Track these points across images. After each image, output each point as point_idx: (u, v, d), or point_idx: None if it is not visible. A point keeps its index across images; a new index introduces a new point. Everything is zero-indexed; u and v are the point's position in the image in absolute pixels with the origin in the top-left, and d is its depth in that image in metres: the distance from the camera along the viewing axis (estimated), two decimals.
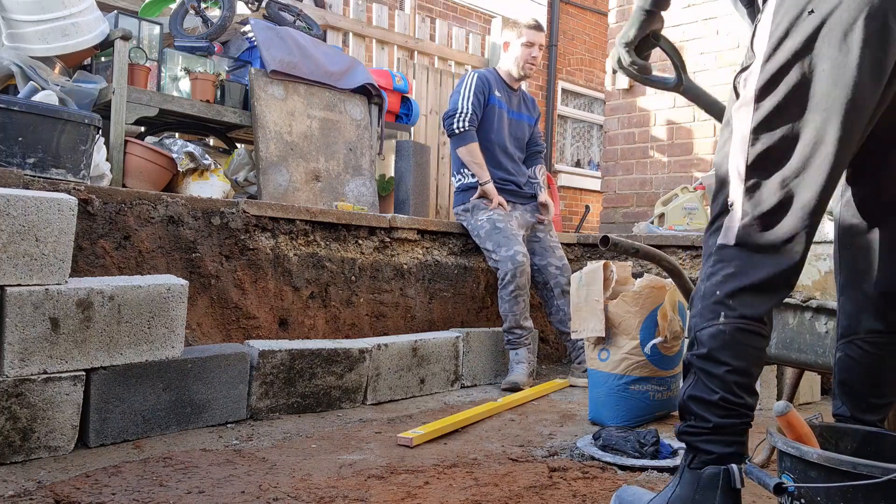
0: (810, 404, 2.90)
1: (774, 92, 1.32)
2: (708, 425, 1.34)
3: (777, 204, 1.33)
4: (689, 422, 1.38)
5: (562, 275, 3.39)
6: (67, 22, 2.92)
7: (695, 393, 1.37)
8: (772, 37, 1.33)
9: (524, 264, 3.18)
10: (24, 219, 1.76)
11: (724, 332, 1.34)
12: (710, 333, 1.35)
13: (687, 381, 1.40)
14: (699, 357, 1.37)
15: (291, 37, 3.52)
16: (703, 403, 1.35)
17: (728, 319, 1.34)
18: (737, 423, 1.34)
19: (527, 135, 3.63)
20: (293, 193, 3.36)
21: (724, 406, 1.33)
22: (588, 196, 9.10)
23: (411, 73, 4.78)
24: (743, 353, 1.33)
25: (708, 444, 1.35)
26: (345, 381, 2.53)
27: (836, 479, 1.13)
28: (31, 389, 1.77)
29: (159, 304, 2.03)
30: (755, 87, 1.34)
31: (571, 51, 9.45)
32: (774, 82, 1.32)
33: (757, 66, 1.35)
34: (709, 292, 1.38)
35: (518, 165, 3.54)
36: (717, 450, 1.34)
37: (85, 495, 1.53)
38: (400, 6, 6.21)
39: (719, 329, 1.34)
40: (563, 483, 1.78)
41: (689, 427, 1.38)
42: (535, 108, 3.72)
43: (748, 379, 1.34)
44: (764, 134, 1.33)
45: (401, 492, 1.66)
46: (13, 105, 2.28)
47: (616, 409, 2.45)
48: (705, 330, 1.36)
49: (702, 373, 1.36)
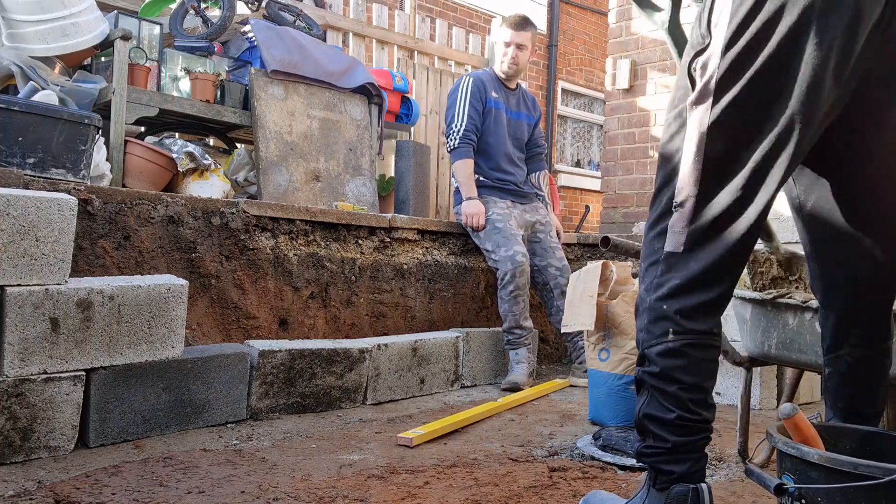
0: (810, 404, 2.90)
1: (737, 84, 1.19)
2: (666, 445, 1.29)
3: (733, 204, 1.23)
4: (647, 442, 1.32)
5: (562, 276, 3.38)
6: (67, 22, 2.92)
7: (650, 411, 1.31)
8: (733, 17, 1.18)
9: (524, 264, 3.18)
10: (24, 219, 1.76)
11: (673, 349, 1.27)
12: (659, 352, 1.29)
13: (641, 397, 1.34)
14: (651, 375, 1.30)
15: (291, 37, 3.52)
16: (659, 422, 1.29)
17: (677, 336, 1.27)
18: (695, 439, 1.29)
19: (526, 135, 3.61)
20: (293, 193, 3.36)
21: (681, 425, 1.27)
22: (588, 196, 9.10)
23: (411, 73, 4.78)
24: (696, 369, 1.27)
25: (668, 465, 1.30)
26: (345, 381, 2.53)
27: (837, 480, 1.13)
28: (31, 389, 1.77)
29: (159, 304, 2.03)
30: (715, 78, 1.20)
31: (571, 51, 9.45)
32: (736, 72, 1.19)
33: (717, 52, 1.20)
34: (655, 307, 1.30)
35: (517, 165, 3.53)
36: (678, 469, 1.28)
37: (85, 495, 1.53)
38: (400, 6, 6.21)
39: (668, 347, 1.27)
40: (563, 483, 1.78)
41: (646, 448, 1.33)
42: (536, 107, 3.70)
43: (703, 394, 1.29)
44: (723, 130, 1.21)
45: (401, 492, 1.66)
46: (13, 105, 2.28)
47: (616, 409, 2.45)
48: (654, 348, 1.30)
49: (655, 391, 1.30)
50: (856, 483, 1.10)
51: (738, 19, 1.18)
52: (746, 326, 1.88)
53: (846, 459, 1.12)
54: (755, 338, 1.86)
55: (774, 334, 1.79)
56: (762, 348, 1.84)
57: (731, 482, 1.85)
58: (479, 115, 3.39)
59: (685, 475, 1.28)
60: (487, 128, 3.44)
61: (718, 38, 1.20)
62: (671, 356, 1.28)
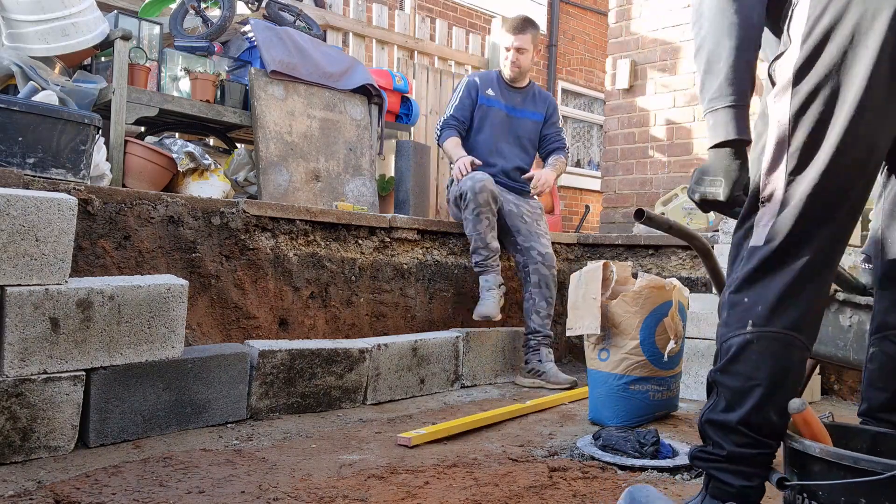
0: (811, 404, 2.89)
1: (812, 72, 1.23)
2: (722, 453, 1.24)
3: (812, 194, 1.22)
4: (705, 447, 1.29)
5: (543, 263, 3.28)
6: (67, 22, 2.92)
7: (713, 417, 1.27)
8: (809, 18, 1.24)
9: (483, 181, 3.16)
10: (24, 219, 1.76)
11: (750, 342, 1.22)
12: (737, 343, 1.24)
13: (709, 401, 1.30)
14: (721, 372, 1.27)
15: (291, 37, 3.52)
16: (721, 428, 1.25)
17: (755, 328, 1.22)
18: (755, 453, 1.22)
19: (531, 132, 3.57)
20: (293, 193, 3.36)
21: (743, 432, 1.22)
22: (588, 196, 9.10)
23: (411, 73, 4.78)
24: (771, 366, 1.22)
25: (722, 474, 1.24)
26: (345, 381, 2.53)
27: (839, 475, 1.13)
28: (31, 389, 1.77)
29: (159, 304, 2.03)
30: (793, 69, 1.25)
31: (571, 51, 9.45)
32: (811, 62, 1.24)
33: (795, 48, 1.26)
34: (735, 300, 1.27)
35: (508, 160, 3.48)
36: (733, 481, 1.23)
37: (85, 495, 1.53)
38: (400, 6, 6.21)
39: (746, 339, 1.23)
40: (563, 483, 1.78)
41: (701, 452, 1.29)
42: (549, 104, 3.64)
43: (776, 395, 1.22)
44: (804, 118, 1.24)
45: (401, 492, 1.66)
46: (13, 105, 2.28)
47: (616, 409, 2.45)
48: (731, 340, 1.26)
49: (723, 388, 1.26)
50: (856, 478, 1.10)
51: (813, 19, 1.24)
52: None
53: (847, 454, 1.12)
54: None
55: None
56: None
57: None
58: (465, 109, 3.47)
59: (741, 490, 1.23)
60: (479, 125, 3.47)
61: (796, 37, 1.26)
62: (747, 349, 1.23)
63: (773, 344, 1.22)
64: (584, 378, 2.99)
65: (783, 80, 1.27)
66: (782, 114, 1.26)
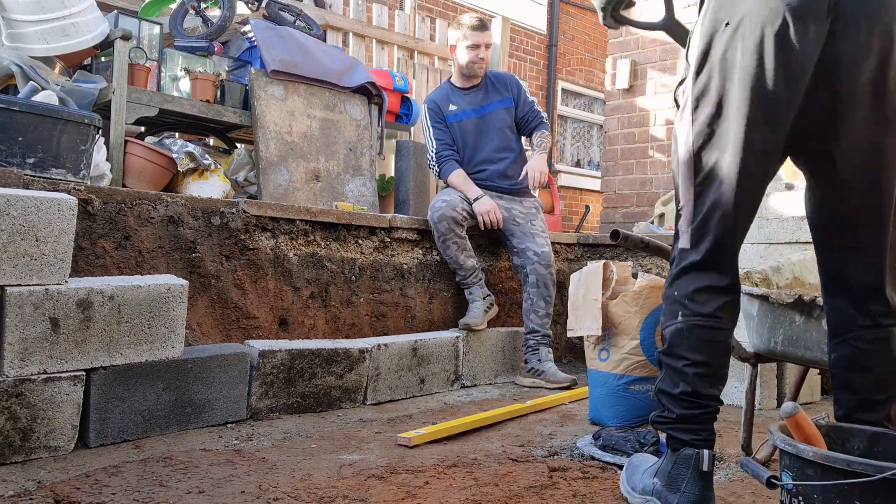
0: (810, 404, 2.90)
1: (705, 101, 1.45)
2: (672, 416, 1.51)
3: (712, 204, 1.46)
4: (660, 412, 1.56)
5: (540, 262, 3.27)
6: (67, 22, 2.92)
7: (662, 387, 1.54)
8: (699, 49, 1.46)
9: (441, 210, 3.19)
10: (24, 219, 1.76)
11: (681, 329, 1.49)
12: (671, 331, 1.51)
13: (659, 375, 1.57)
14: (664, 353, 1.54)
15: (292, 36, 3.52)
16: (669, 396, 1.52)
17: (684, 318, 1.49)
18: (697, 413, 1.49)
19: (506, 121, 3.51)
20: (293, 193, 3.36)
21: (685, 399, 1.48)
22: (588, 196, 9.11)
23: (411, 73, 4.78)
24: (700, 347, 1.47)
25: (675, 433, 1.52)
26: (345, 381, 2.53)
27: (833, 478, 1.13)
28: (31, 389, 1.77)
29: (159, 304, 2.03)
30: (692, 99, 1.48)
31: (571, 51, 9.45)
32: (705, 92, 1.45)
33: (690, 79, 1.48)
34: (669, 294, 1.54)
35: (495, 163, 3.46)
36: (684, 437, 1.50)
37: (85, 495, 1.53)
38: (400, 6, 6.21)
39: (677, 327, 1.50)
40: (563, 483, 1.78)
41: (658, 416, 1.56)
42: (512, 86, 3.57)
43: (708, 370, 1.48)
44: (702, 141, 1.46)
45: (401, 492, 1.66)
46: (13, 105, 2.28)
47: (616, 409, 2.44)
48: (667, 328, 1.53)
49: (667, 368, 1.53)
50: (850, 480, 1.10)
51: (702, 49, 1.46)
52: (753, 323, 1.88)
53: (840, 457, 1.13)
54: (762, 334, 1.86)
55: (781, 331, 1.80)
56: (768, 345, 1.84)
57: (731, 482, 1.85)
58: (444, 133, 3.47)
59: (691, 442, 1.49)
60: (457, 142, 3.48)
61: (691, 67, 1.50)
62: (679, 335, 1.50)
63: (698, 330, 1.48)
64: (583, 378, 2.99)
65: (683, 104, 1.51)
66: (686, 133, 1.50)
